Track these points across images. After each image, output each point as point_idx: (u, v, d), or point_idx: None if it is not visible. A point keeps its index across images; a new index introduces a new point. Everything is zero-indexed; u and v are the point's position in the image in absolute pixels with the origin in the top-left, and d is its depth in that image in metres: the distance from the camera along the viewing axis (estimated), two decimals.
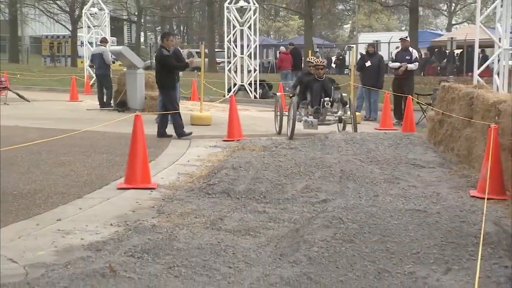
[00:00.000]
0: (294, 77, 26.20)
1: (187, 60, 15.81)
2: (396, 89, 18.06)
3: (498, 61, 14.06)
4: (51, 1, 45.32)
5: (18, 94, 22.45)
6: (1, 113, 9.07)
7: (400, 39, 18.07)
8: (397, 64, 17.59)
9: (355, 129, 15.00)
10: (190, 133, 14.14)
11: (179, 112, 14.40)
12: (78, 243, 6.06)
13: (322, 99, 15.02)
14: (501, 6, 13.73)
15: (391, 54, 18.60)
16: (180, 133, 13.81)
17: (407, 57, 17.36)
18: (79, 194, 8.28)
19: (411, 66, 17.29)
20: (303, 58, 30.95)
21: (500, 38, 13.81)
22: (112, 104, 20.82)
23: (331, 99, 15.29)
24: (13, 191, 8.28)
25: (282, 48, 31.91)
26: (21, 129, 13.86)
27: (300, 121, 14.94)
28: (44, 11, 46.35)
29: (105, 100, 21.20)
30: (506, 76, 13.75)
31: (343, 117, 15.27)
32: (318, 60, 17.21)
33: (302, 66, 29.44)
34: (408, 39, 18.11)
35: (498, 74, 13.93)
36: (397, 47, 18.63)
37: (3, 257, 5.67)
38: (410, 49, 17.77)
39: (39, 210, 7.37)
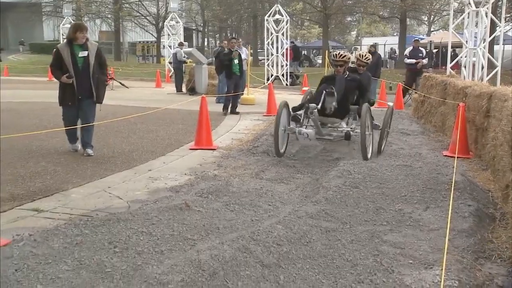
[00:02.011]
0: (294, 66, 25.94)
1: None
2: (409, 79, 17.31)
3: (465, 57, 13.86)
4: (143, 17, 45.45)
5: (120, 83, 22.64)
6: (109, 96, 9.11)
7: (414, 40, 16.89)
8: (413, 61, 16.66)
9: (363, 154, 7.69)
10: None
11: (237, 95, 14.31)
12: (163, 186, 6.15)
13: (324, 101, 7.98)
14: (468, 17, 13.57)
15: (405, 52, 17.32)
16: (234, 111, 13.80)
17: (420, 54, 16.59)
18: (163, 152, 8.36)
19: (424, 62, 16.57)
20: (302, 52, 31.29)
21: (466, 41, 13.67)
22: (183, 90, 20.88)
23: (334, 104, 8.05)
24: (118, 150, 8.41)
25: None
26: (122, 107, 13.98)
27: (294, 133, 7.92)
28: (138, 24, 46.52)
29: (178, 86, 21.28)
30: (470, 68, 13.69)
31: (351, 132, 7.97)
32: (337, 53, 8.91)
33: (301, 58, 29.89)
34: (419, 40, 16.72)
35: (465, 67, 13.80)
36: (413, 43, 17.18)
37: (113, 196, 5.79)
38: (420, 47, 17.01)
39: (136, 163, 7.49)
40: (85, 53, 7.34)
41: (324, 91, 7.97)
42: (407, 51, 16.91)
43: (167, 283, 3.36)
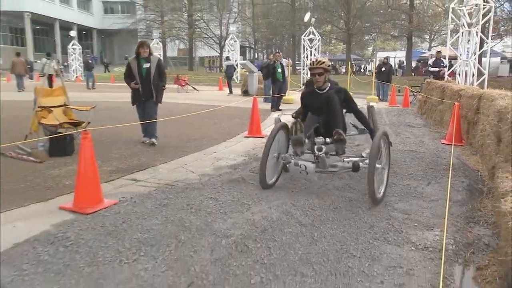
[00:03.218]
0: None
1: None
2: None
3: (459, 67, 13.55)
4: (210, 38, 45.54)
5: (193, 87, 22.93)
6: (184, 97, 9.13)
7: (436, 52, 15.64)
8: (436, 69, 15.70)
9: (370, 192, 4.32)
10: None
11: (280, 96, 14.16)
12: (224, 164, 6.20)
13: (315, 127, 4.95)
14: (461, 35, 13.33)
15: (428, 62, 16.31)
16: (278, 108, 13.74)
17: (441, 64, 15.74)
18: (224, 139, 8.40)
19: (445, 70, 15.45)
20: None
21: (461, 54, 13.37)
22: (233, 92, 20.93)
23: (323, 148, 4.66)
24: (191, 138, 8.51)
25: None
26: (194, 105, 14.15)
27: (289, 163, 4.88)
28: (206, 43, 46.45)
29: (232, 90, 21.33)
30: (463, 76, 13.37)
31: (360, 163, 4.66)
32: (315, 60, 5.06)
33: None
34: (441, 51, 15.75)
35: (459, 74, 13.48)
36: (432, 56, 16.05)
37: (188, 171, 5.86)
38: (441, 58, 16.07)
39: (204, 147, 7.54)
40: (147, 65, 7.29)
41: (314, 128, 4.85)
42: (430, 61, 15.90)
43: (230, 236, 3.44)
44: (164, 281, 2.80)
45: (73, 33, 32.15)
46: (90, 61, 24.95)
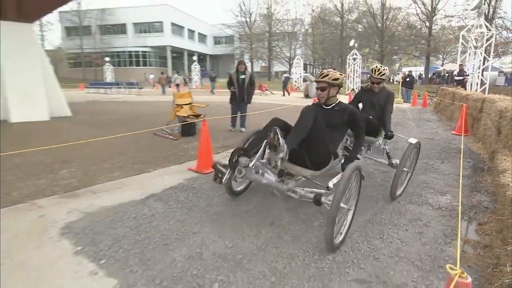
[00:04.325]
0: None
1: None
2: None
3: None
4: (282, 58, 44.78)
5: (270, 92, 22.87)
6: (264, 99, 8.93)
7: (459, 64, 13.58)
8: (461, 77, 13.52)
9: (326, 237, 2.23)
10: None
11: None
12: None
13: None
14: (469, 55, 12.11)
15: (454, 72, 14.31)
16: None
17: (464, 73, 13.66)
18: None
19: (468, 78, 13.67)
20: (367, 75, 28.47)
21: (468, 68, 12.15)
22: (287, 95, 20.45)
23: (280, 157, 2.21)
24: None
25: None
26: (271, 104, 14.09)
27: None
28: (279, 61, 45.81)
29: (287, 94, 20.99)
30: (469, 85, 12.33)
31: (323, 197, 2.35)
32: (319, 73, 2.90)
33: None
34: (463, 65, 13.48)
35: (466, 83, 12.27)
36: (459, 66, 13.84)
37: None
38: (464, 69, 13.89)
39: None
40: (243, 76, 7.18)
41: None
42: (455, 72, 13.92)
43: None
44: (255, 220, 2.86)
45: (195, 58, 33.39)
46: (212, 75, 25.90)
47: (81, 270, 2.13)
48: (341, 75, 2.84)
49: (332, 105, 2.91)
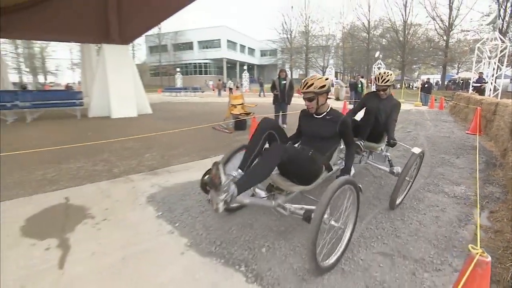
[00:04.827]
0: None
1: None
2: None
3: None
4: (317, 67, 43.44)
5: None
6: (298, 101, 8.51)
7: (479, 72, 12.04)
8: (479, 84, 12.11)
9: (308, 258, 1.63)
10: None
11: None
12: None
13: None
14: (483, 64, 11.44)
15: (473, 79, 12.78)
16: None
17: (483, 81, 12.26)
18: None
19: (486, 85, 12.19)
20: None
21: (486, 76, 11.17)
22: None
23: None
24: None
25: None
26: (300, 105, 13.80)
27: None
28: (314, 70, 44.42)
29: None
30: (483, 90, 11.23)
31: (313, 214, 1.59)
32: (303, 81, 2.17)
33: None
34: (483, 73, 11.99)
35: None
36: (478, 74, 12.35)
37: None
38: (482, 77, 12.45)
39: None
40: (284, 82, 7.07)
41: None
42: (474, 79, 12.42)
43: None
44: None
45: (245, 67, 33.87)
46: (261, 81, 26.02)
47: (162, 229, 2.38)
48: (327, 79, 2.16)
49: (323, 114, 2.25)
